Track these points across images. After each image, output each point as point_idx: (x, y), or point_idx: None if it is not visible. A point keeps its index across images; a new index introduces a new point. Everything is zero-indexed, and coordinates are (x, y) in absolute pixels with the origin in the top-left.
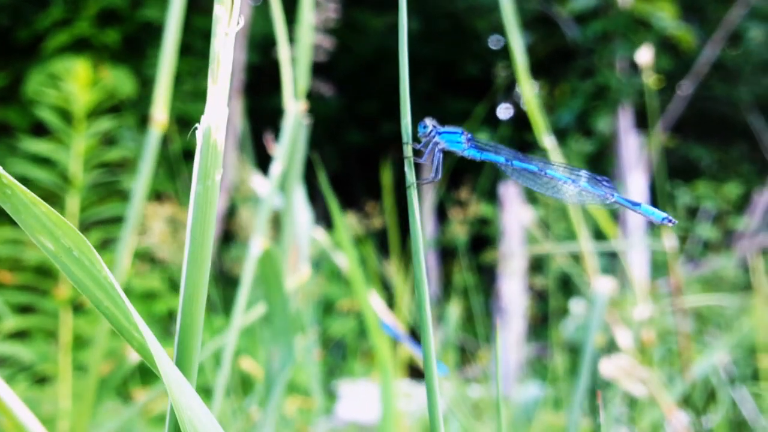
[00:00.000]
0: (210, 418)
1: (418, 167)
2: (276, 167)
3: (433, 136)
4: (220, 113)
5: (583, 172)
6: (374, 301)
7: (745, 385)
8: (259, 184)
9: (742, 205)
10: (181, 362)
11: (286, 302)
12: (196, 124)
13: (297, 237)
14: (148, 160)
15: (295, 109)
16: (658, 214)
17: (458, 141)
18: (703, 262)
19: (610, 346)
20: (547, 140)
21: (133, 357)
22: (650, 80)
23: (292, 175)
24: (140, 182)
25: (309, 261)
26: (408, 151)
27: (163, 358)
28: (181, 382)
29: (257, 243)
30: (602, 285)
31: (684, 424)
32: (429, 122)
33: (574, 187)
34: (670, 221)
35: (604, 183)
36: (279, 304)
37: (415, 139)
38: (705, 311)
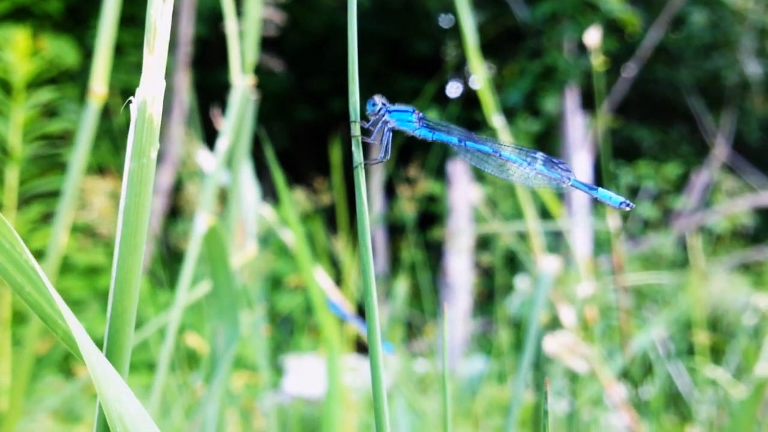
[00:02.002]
0: (141, 412)
1: (366, 146)
2: (222, 143)
3: (383, 115)
4: (157, 85)
5: (539, 155)
6: (321, 278)
7: (680, 359)
8: (205, 159)
9: (681, 184)
10: (112, 353)
11: (232, 280)
12: (131, 97)
13: (244, 213)
14: (86, 133)
15: (242, 84)
16: (615, 199)
17: (409, 120)
18: (643, 240)
19: (553, 322)
20: (497, 119)
21: None
22: (597, 62)
23: (240, 150)
24: (78, 156)
25: (257, 237)
26: (356, 129)
27: (89, 348)
28: (110, 375)
29: (202, 220)
30: (548, 264)
31: (622, 398)
32: (378, 100)
33: (529, 170)
34: (627, 205)
35: (560, 166)
36: (224, 281)
37: (364, 117)
38: (644, 287)
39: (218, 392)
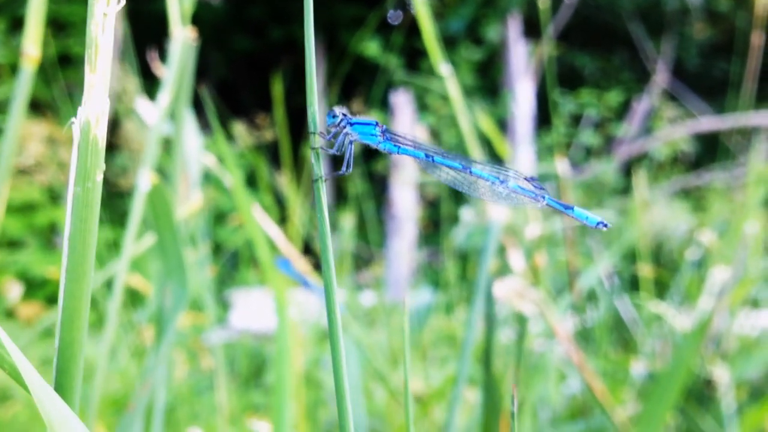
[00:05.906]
0: None
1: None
2: (164, 96)
3: (344, 127)
4: (101, 105)
5: (512, 172)
6: (262, 220)
7: (625, 291)
8: (145, 110)
9: (622, 112)
10: (62, 386)
11: (178, 238)
12: (73, 118)
13: (187, 163)
14: (21, 101)
15: (182, 35)
16: (592, 219)
17: (372, 133)
18: (586, 168)
19: (502, 267)
20: (444, 68)
21: (14, 294)
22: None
23: (181, 101)
24: (12, 124)
25: (199, 176)
26: (315, 141)
27: (38, 385)
28: (62, 411)
29: (145, 177)
30: (497, 213)
31: (569, 333)
32: (339, 111)
33: (502, 188)
34: (604, 225)
35: (533, 183)
36: (170, 240)
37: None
38: None
39: (167, 356)
